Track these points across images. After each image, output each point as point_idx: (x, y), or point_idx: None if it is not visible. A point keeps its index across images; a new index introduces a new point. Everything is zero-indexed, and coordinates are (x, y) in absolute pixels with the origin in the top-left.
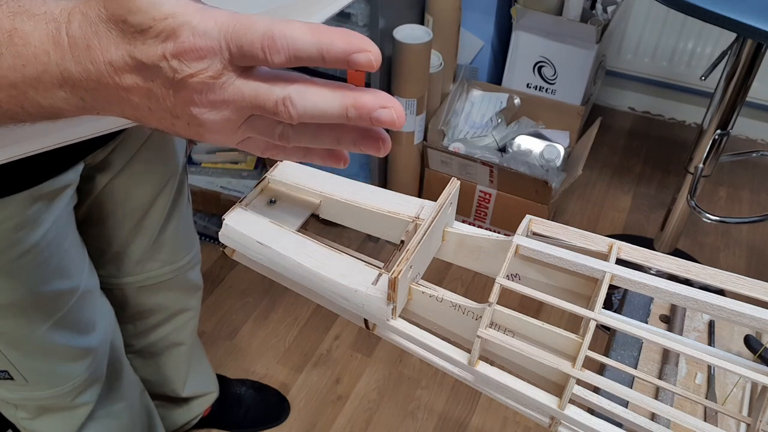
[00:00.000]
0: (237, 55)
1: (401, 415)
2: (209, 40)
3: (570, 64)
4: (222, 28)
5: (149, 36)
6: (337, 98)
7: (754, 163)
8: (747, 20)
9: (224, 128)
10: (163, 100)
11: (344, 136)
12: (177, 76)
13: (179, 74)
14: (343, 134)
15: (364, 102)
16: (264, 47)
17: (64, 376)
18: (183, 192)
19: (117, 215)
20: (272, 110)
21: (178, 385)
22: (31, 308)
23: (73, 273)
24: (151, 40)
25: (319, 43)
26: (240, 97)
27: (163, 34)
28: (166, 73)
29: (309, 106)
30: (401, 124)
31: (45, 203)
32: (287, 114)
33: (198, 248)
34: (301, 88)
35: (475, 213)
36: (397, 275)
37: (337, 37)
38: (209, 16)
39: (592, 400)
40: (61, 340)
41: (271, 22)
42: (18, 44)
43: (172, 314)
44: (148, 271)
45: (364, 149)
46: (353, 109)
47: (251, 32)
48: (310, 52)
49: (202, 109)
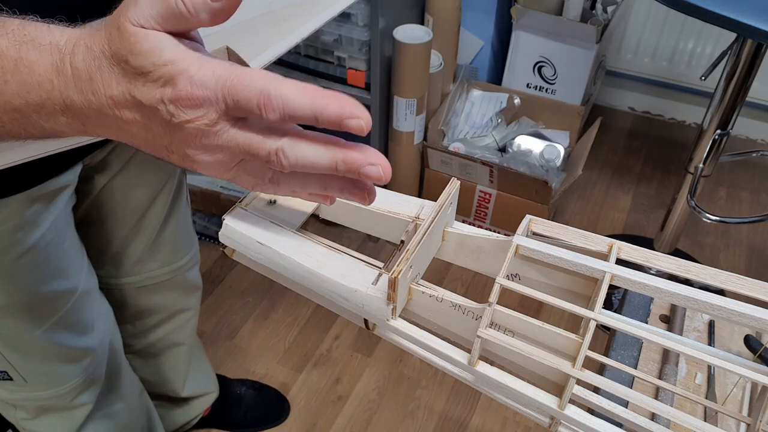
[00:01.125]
0: (233, 107)
1: (401, 415)
2: (206, 90)
3: (570, 64)
4: (219, 81)
5: (149, 79)
6: (328, 152)
7: (754, 163)
8: (747, 20)
9: (217, 168)
10: (160, 137)
11: (331, 183)
12: (174, 120)
13: (176, 119)
14: (331, 182)
15: (354, 158)
16: (260, 104)
17: (63, 376)
18: (182, 192)
19: (116, 216)
20: (265, 159)
21: (177, 385)
22: (30, 309)
23: (72, 273)
24: (151, 84)
25: (313, 106)
26: (234, 145)
27: (162, 80)
28: (163, 116)
29: (300, 157)
30: (387, 180)
31: (43, 204)
32: (279, 164)
33: (197, 248)
34: (293, 141)
35: (475, 213)
36: (397, 275)
37: (331, 102)
38: (207, 67)
39: (592, 400)
40: (60, 340)
41: (267, 81)
42: (23, 72)
43: (171, 314)
44: (147, 271)
45: (349, 198)
46: (342, 164)
47: (248, 89)
48: (304, 113)
49: (196, 150)
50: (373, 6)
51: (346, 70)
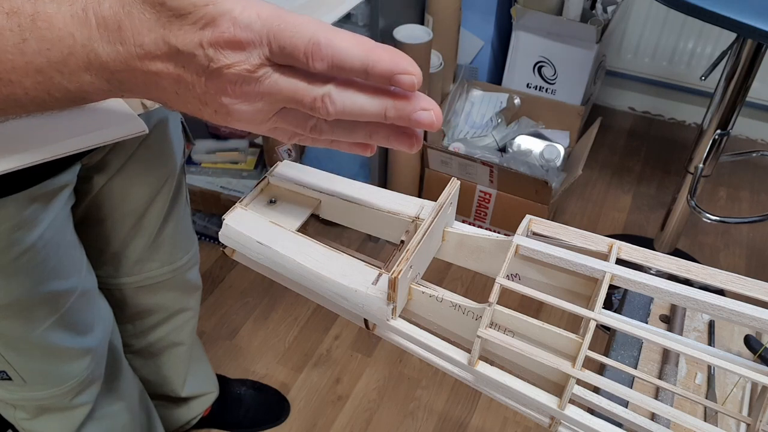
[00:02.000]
0: (278, 53)
1: (401, 415)
2: (250, 33)
3: (570, 64)
4: (266, 24)
5: (187, 22)
6: (377, 99)
7: (754, 163)
8: (747, 20)
9: (254, 118)
10: (192, 87)
11: (378, 131)
12: (212, 66)
13: (215, 64)
14: (377, 130)
15: (405, 105)
16: (308, 53)
17: (63, 376)
18: (181, 192)
19: (115, 216)
20: (309, 106)
21: (177, 385)
22: (29, 309)
23: (71, 273)
24: (189, 26)
25: (366, 58)
26: (277, 91)
27: (202, 21)
28: (201, 61)
29: (348, 104)
30: (439, 126)
31: (42, 204)
32: (325, 111)
33: (197, 248)
34: (340, 87)
35: (475, 213)
36: (397, 275)
37: (384, 55)
38: (252, 8)
39: (592, 400)
40: (60, 340)
41: (318, 28)
42: (42, 28)
43: (171, 314)
44: (146, 271)
45: (396, 146)
46: (393, 110)
47: (297, 36)
48: (353, 66)
49: (233, 99)
50: (373, 6)
51: None
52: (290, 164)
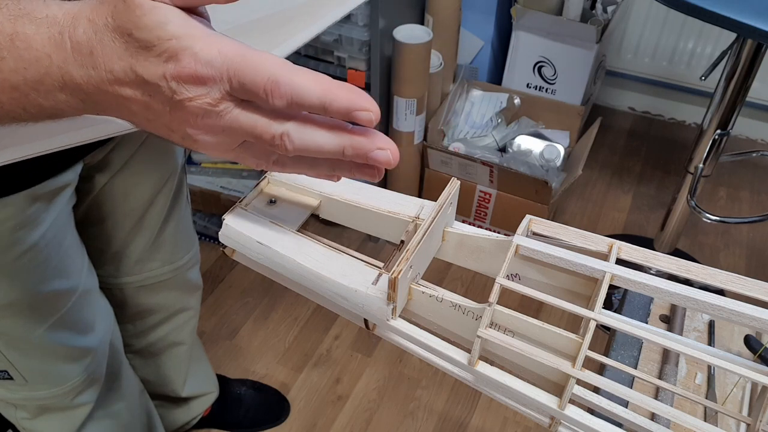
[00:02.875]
0: (239, 89)
1: (401, 415)
2: (210, 69)
3: (570, 64)
4: (226, 60)
5: (152, 54)
6: (335, 138)
7: (754, 163)
8: (747, 20)
9: (218, 149)
10: (160, 115)
11: (340, 165)
12: (175, 98)
13: (177, 96)
14: (339, 164)
15: (362, 144)
16: (267, 90)
17: (64, 375)
18: (182, 191)
19: (116, 215)
20: (269, 142)
21: (177, 385)
22: (30, 308)
23: (72, 273)
24: (154, 59)
25: (323, 97)
26: (237, 126)
27: (165, 55)
28: (165, 93)
29: (307, 141)
30: (395, 163)
31: (44, 203)
32: (284, 148)
33: (197, 248)
34: (299, 125)
35: (475, 213)
36: (397, 275)
37: (341, 93)
38: (214, 44)
39: (592, 400)
40: (61, 340)
41: (278, 66)
42: (20, 47)
43: (171, 314)
44: (147, 270)
45: (360, 177)
46: (350, 149)
47: (257, 73)
48: (312, 103)
49: (197, 130)
50: (373, 6)
51: (346, 70)
52: None
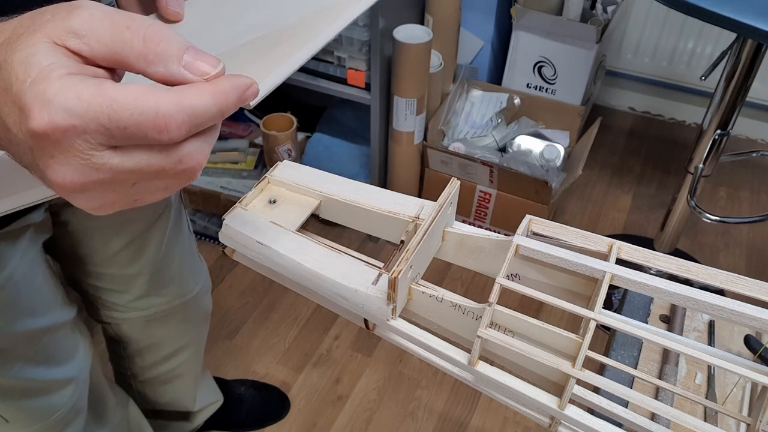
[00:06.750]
0: (119, 136)
1: (401, 415)
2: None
3: (570, 64)
4: (90, 107)
5: (9, 98)
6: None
7: (754, 163)
8: (747, 20)
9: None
10: (31, 169)
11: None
12: (35, 154)
13: (36, 153)
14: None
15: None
16: (159, 127)
17: (46, 410)
18: (181, 224)
19: (104, 254)
20: (170, 174)
21: (189, 403)
22: (2, 349)
23: (45, 310)
24: (11, 104)
25: (220, 105)
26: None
27: (19, 103)
28: (23, 147)
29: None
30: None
31: (9, 243)
32: (192, 171)
33: (207, 274)
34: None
35: (475, 213)
36: (397, 275)
37: (228, 87)
38: (70, 89)
39: (592, 400)
40: (38, 374)
41: (157, 97)
42: None
43: (182, 346)
44: (156, 306)
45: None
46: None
47: (138, 113)
48: (213, 118)
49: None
50: (373, 6)
51: (346, 70)
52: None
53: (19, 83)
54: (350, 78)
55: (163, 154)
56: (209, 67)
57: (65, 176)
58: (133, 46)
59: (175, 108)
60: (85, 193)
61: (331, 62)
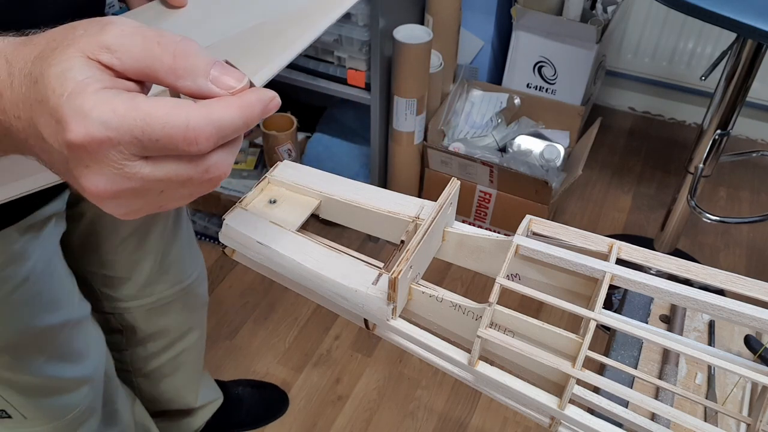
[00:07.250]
0: (151, 147)
1: (401, 415)
2: (107, 131)
3: (570, 64)
4: (125, 120)
5: (45, 110)
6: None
7: (754, 163)
8: (747, 20)
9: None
10: (66, 177)
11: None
12: (71, 164)
13: (72, 163)
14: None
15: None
16: (188, 140)
17: (63, 408)
18: (182, 210)
19: (113, 240)
20: (197, 183)
21: (191, 398)
22: (23, 345)
23: (64, 304)
24: (48, 116)
25: (246, 117)
26: (152, 182)
27: (56, 116)
28: (60, 157)
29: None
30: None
31: (33, 235)
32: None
33: (203, 263)
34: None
35: (475, 213)
36: (397, 275)
37: (253, 100)
38: (106, 104)
39: (592, 400)
40: (56, 372)
41: (188, 111)
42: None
43: (181, 334)
44: (157, 293)
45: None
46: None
47: (170, 126)
48: (238, 129)
49: (107, 200)
50: (373, 6)
51: (346, 70)
52: (290, 164)
53: (56, 97)
54: (350, 78)
55: (191, 164)
56: (235, 81)
57: (98, 184)
58: (163, 61)
59: (204, 121)
60: (116, 200)
61: (331, 62)
